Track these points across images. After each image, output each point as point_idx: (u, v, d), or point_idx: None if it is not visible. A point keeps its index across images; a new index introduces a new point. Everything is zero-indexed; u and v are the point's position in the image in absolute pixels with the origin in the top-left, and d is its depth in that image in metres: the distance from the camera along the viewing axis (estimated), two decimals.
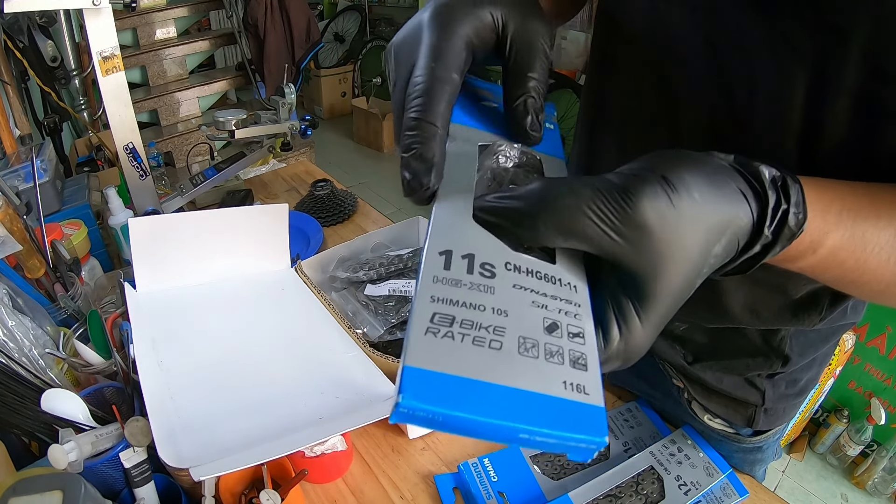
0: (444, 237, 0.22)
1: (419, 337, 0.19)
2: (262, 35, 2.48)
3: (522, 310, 0.20)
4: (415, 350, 0.18)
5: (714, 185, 0.23)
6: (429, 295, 0.20)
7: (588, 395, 0.19)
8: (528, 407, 0.18)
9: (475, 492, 0.53)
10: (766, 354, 0.49)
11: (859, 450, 1.57)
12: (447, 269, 0.21)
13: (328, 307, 0.66)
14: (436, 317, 0.19)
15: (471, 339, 0.19)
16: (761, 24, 0.33)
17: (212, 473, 0.42)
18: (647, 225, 0.21)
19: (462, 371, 0.18)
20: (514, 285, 0.21)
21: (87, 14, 0.76)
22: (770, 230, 0.24)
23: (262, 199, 1.12)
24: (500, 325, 0.19)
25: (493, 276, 0.21)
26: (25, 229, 0.63)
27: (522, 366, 0.19)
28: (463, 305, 0.20)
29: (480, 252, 0.22)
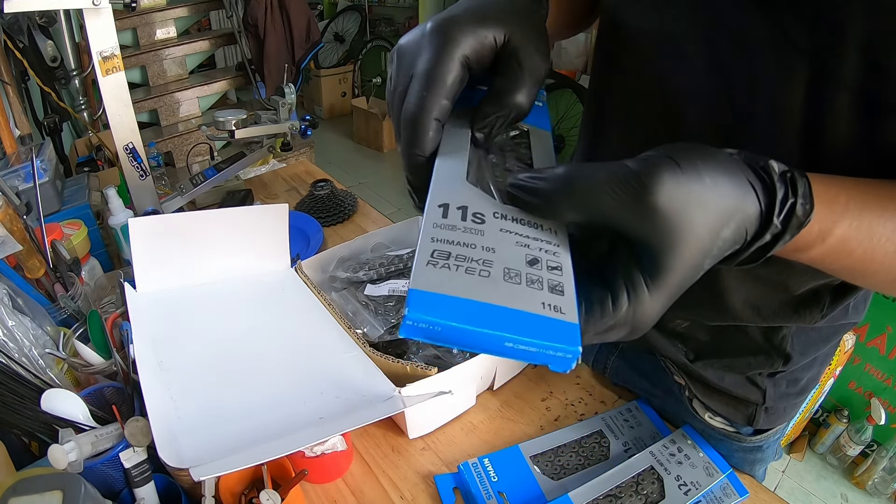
0: (441, 194, 0.26)
1: (421, 267, 0.22)
2: (262, 35, 2.48)
3: (507, 247, 0.24)
4: (418, 277, 0.22)
5: (724, 173, 0.24)
6: (429, 237, 0.23)
7: (564, 314, 0.22)
8: (512, 320, 0.21)
9: (475, 492, 0.53)
10: (767, 353, 0.49)
11: (859, 450, 1.57)
12: (444, 217, 0.25)
13: (328, 307, 0.66)
14: (435, 252, 0.23)
15: (464, 269, 0.22)
16: (761, 22, 0.33)
17: (212, 473, 0.42)
18: (659, 203, 0.23)
19: (456, 292, 0.22)
20: (501, 229, 0.25)
21: (87, 14, 0.76)
22: (779, 220, 0.25)
23: (262, 199, 1.12)
24: (489, 259, 0.23)
25: (482, 223, 0.25)
26: (25, 229, 0.62)
27: (507, 289, 0.22)
28: (457, 244, 0.23)
29: (473, 205, 0.26)
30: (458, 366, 0.56)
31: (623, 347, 0.64)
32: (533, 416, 0.64)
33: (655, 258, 0.24)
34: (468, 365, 0.57)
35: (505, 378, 0.67)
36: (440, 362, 0.62)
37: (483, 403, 0.65)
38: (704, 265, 0.25)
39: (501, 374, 0.66)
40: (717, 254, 0.25)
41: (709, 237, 0.24)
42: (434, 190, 0.26)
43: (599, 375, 0.69)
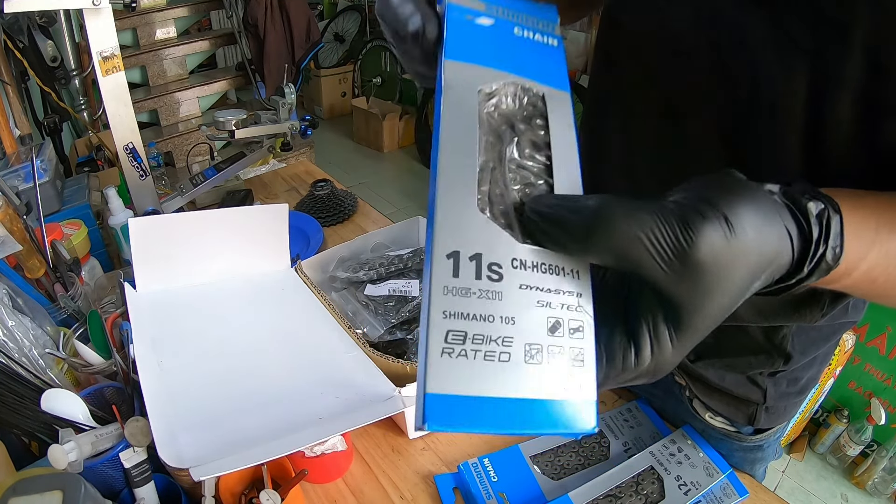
0: (449, 234, 0.22)
1: (436, 359, 0.20)
2: (262, 35, 2.48)
3: (528, 313, 0.21)
4: (434, 375, 0.20)
5: (766, 224, 0.23)
6: (441, 310, 0.21)
7: (582, 389, 0.21)
8: (532, 414, 0.20)
9: (475, 492, 0.53)
10: (768, 352, 0.49)
11: (859, 450, 1.57)
12: (456, 276, 0.21)
13: (328, 307, 0.66)
14: (449, 335, 0.20)
15: (483, 355, 0.20)
16: (763, 21, 0.33)
17: (212, 473, 0.42)
18: (701, 263, 0.21)
19: (476, 390, 0.20)
20: (521, 285, 0.22)
21: (87, 14, 0.76)
22: (808, 268, 0.24)
23: (262, 199, 1.12)
24: (508, 336, 0.21)
25: (500, 279, 0.22)
26: (25, 229, 0.63)
27: (528, 374, 0.21)
28: (473, 318, 0.21)
29: (487, 250, 0.22)
30: None
31: None
32: None
33: (686, 315, 0.22)
34: None
35: None
36: None
37: None
38: (728, 313, 0.24)
39: None
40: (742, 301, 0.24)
41: (741, 292, 0.23)
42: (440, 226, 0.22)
43: None
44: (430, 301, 0.21)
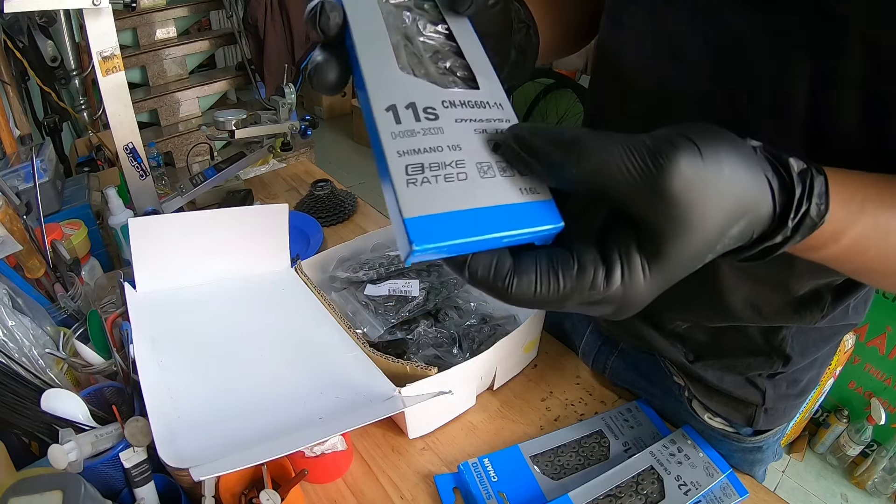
0: (382, 92, 0.24)
1: (404, 190, 0.22)
2: (262, 35, 2.48)
3: (470, 139, 0.24)
4: (406, 203, 0.22)
5: (745, 167, 0.23)
6: (394, 151, 0.23)
7: (539, 193, 0.24)
8: (503, 217, 0.22)
9: (475, 492, 0.53)
10: (767, 354, 0.49)
11: (859, 450, 1.57)
12: (398, 122, 0.24)
13: (328, 307, 0.66)
14: (408, 168, 0.22)
15: (443, 178, 0.23)
16: (760, 20, 0.33)
17: (212, 473, 0.42)
18: (674, 190, 0.21)
19: (448, 206, 0.22)
20: (456, 119, 0.24)
21: (87, 14, 0.75)
22: (793, 223, 0.24)
23: (262, 199, 1.12)
24: (459, 159, 0.23)
25: (437, 118, 0.24)
26: (25, 229, 0.63)
27: (486, 187, 0.23)
28: (424, 151, 0.23)
29: (419, 98, 0.25)
30: (458, 366, 0.56)
31: (622, 348, 0.64)
32: (533, 416, 0.64)
33: (658, 243, 0.22)
34: (468, 365, 0.57)
35: (505, 378, 0.67)
36: (440, 362, 0.63)
37: (483, 403, 0.65)
38: (706, 258, 0.24)
39: (501, 374, 0.66)
40: (721, 249, 0.24)
41: (717, 232, 0.23)
42: (372, 88, 0.24)
43: (599, 375, 0.69)
44: (383, 149, 0.23)
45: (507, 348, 0.62)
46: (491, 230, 0.22)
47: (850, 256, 0.28)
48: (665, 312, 0.51)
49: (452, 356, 0.64)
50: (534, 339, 0.68)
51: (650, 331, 0.54)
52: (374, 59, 0.26)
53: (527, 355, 0.69)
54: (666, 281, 0.24)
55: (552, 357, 0.71)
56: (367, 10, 0.28)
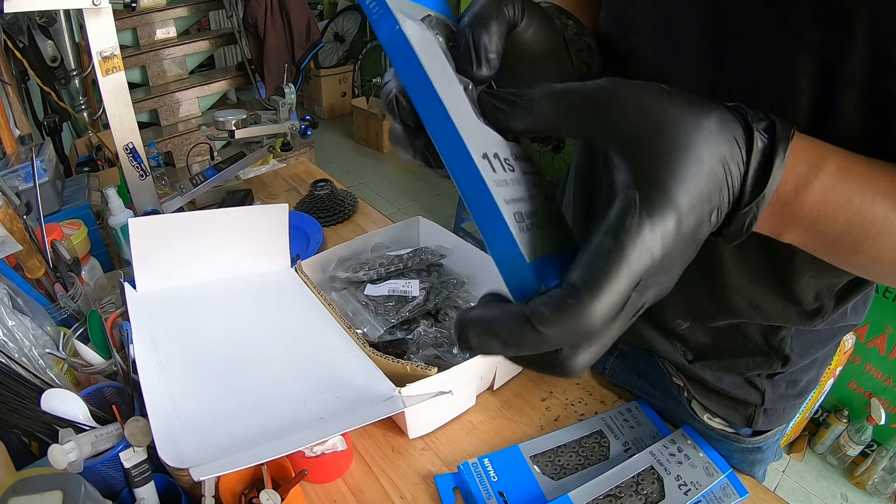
0: (473, 141, 0.25)
1: (519, 235, 0.23)
2: (262, 35, 2.48)
3: (532, 191, 0.26)
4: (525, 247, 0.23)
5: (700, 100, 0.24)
6: (501, 199, 0.24)
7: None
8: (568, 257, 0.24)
9: (475, 492, 0.53)
10: (766, 354, 0.49)
11: (859, 450, 1.57)
12: (494, 171, 0.24)
13: (328, 307, 0.66)
14: (516, 216, 0.24)
15: (536, 226, 0.24)
16: (762, 12, 0.32)
17: (212, 473, 0.42)
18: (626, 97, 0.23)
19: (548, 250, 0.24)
20: (523, 172, 0.26)
21: (87, 14, 0.76)
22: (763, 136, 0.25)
23: (262, 199, 1.12)
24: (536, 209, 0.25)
25: (513, 170, 0.26)
26: (25, 229, 0.63)
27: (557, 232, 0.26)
28: (517, 201, 0.25)
29: (499, 150, 0.26)
30: (458, 366, 0.56)
31: (622, 349, 0.64)
32: (533, 416, 0.64)
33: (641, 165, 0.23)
34: (468, 365, 0.57)
35: (505, 378, 0.67)
36: (440, 362, 0.63)
37: (483, 403, 0.65)
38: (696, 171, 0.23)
39: (501, 374, 0.66)
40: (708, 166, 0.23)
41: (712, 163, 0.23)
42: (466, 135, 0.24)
43: (599, 376, 0.69)
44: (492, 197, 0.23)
45: None
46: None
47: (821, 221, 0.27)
48: (667, 310, 0.51)
49: (452, 356, 0.64)
50: None
51: (649, 331, 0.54)
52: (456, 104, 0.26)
53: None
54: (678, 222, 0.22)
55: None
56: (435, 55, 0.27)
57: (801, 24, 0.31)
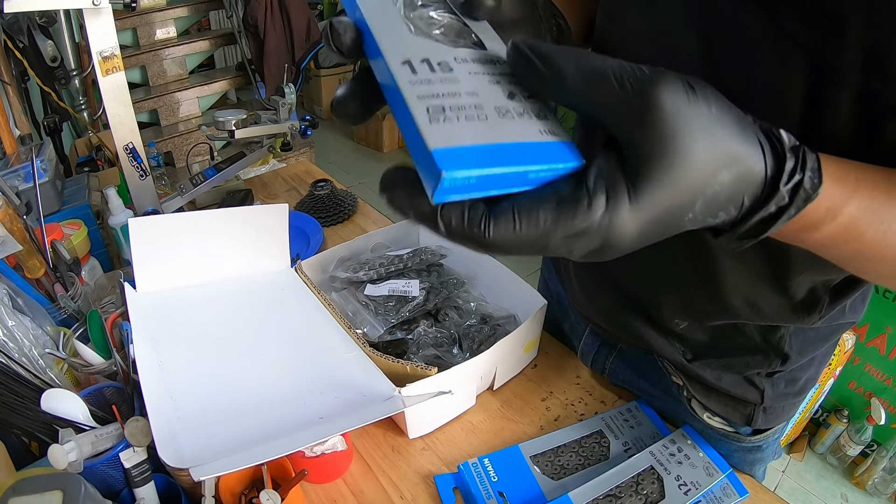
0: (396, 51, 0.25)
1: (427, 126, 0.22)
2: (262, 35, 2.48)
3: (485, 87, 0.25)
4: (431, 136, 0.22)
5: (734, 117, 0.23)
6: (414, 95, 0.23)
7: (558, 135, 0.24)
8: (528, 153, 0.23)
9: (475, 492, 0.53)
10: (765, 352, 0.49)
11: (859, 450, 1.57)
12: (414, 73, 0.24)
13: (328, 307, 0.66)
14: (430, 109, 0.23)
15: (464, 117, 0.23)
16: (757, 16, 0.32)
17: (212, 473, 0.42)
18: (661, 102, 0.21)
19: (473, 140, 0.22)
20: (470, 72, 0.25)
21: (87, 14, 0.76)
22: (786, 188, 0.24)
23: (262, 199, 1.12)
24: (478, 102, 0.24)
25: (451, 70, 0.25)
26: (25, 229, 0.63)
27: (507, 126, 0.23)
28: (443, 96, 0.24)
29: (432, 55, 0.25)
30: (458, 366, 0.56)
31: (621, 348, 0.64)
32: (533, 416, 0.64)
33: (643, 164, 0.22)
34: (468, 365, 0.57)
35: (505, 378, 0.67)
36: (440, 362, 0.63)
37: (483, 403, 0.65)
38: (695, 206, 0.23)
39: (501, 374, 0.66)
40: (710, 200, 0.23)
41: (705, 170, 0.22)
42: (387, 50, 0.25)
43: (599, 375, 0.69)
44: (403, 95, 0.23)
45: (507, 348, 0.62)
46: (518, 163, 0.22)
47: (846, 238, 0.27)
48: (664, 309, 0.51)
49: (452, 356, 0.64)
50: (534, 340, 0.68)
51: (648, 330, 0.54)
52: (387, 30, 0.26)
53: (527, 355, 0.69)
54: (651, 216, 0.23)
55: (552, 357, 0.71)
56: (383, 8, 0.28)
57: (794, 26, 0.31)
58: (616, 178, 0.22)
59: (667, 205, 0.22)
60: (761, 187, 0.24)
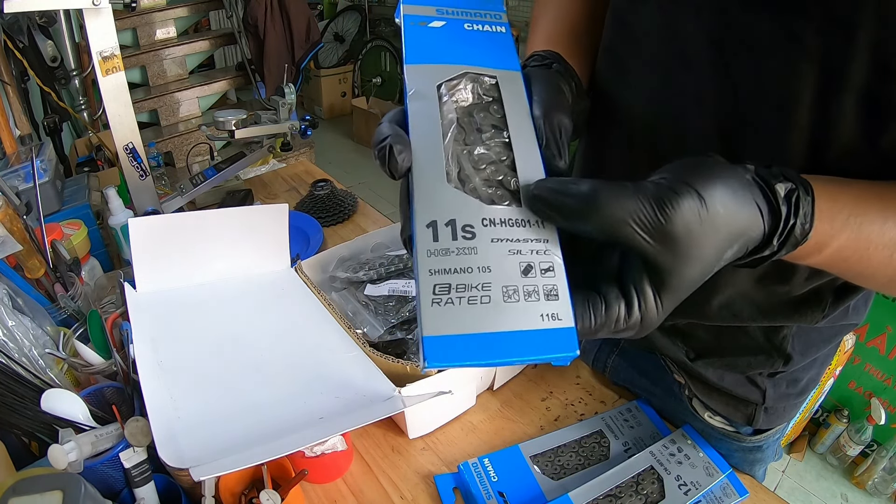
0: (426, 208, 0.26)
1: (427, 309, 0.24)
2: (262, 35, 2.48)
3: (501, 261, 0.25)
4: (427, 321, 0.23)
5: (737, 201, 0.26)
6: (427, 269, 0.24)
7: (561, 320, 0.24)
8: (517, 343, 0.24)
9: (475, 492, 0.53)
10: (767, 353, 0.49)
11: (859, 450, 1.57)
12: (436, 240, 0.25)
13: (328, 307, 0.66)
14: (436, 288, 0.24)
15: (466, 300, 0.24)
16: (768, 22, 0.33)
17: (212, 473, 0.42)
18: (679, 235, 0.25)
19: (464, 329, 0.23)
20: (492, 239, 0.26)
21: (87, 14, 0.76)
22: (778, 241, 0.27)
23: (262, 199, 1.12)
24: (486, 281, 0.24)
25: (473, 237, 0.25)
26: (25, 229, 0.62)
27: (508, 311, 0.24)
28: (454, 272, 0.24)
29: (459, 215, 0.26)
30: None
31: (623, 346, 0.64)
32: (533, 416, 0.64)
33: (665, 277, 0.26)
34: None
35: (505, 378, 0.67)
36: None
37: (483, 403, 0.65)
38: (707, 277, 0.27)
39: (501, 374, 0.66)
40: (718, 267, 0.27)
41: (715, 259, 0.26)
42: (418, 201, 0.26)
43: (599, 375, 0.69)
44: (418, 265, 0.25)
45: None
46: (502, 356, 0.23)
47: (833, 263, 0.31)
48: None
49: None
50: None
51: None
52: (425, 170, 0.27)
53: None
54: (675, 302, 0.27)
55: None
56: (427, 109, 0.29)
57: (805, 33, 0.32)
58: (644, 286, 0.26)
59: (685, 292, 0.27)
60: (760, 242, 0.28)
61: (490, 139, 0.29)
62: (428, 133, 0.28)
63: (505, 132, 0.30)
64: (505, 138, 0.29)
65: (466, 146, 0.29)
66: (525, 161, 0.29)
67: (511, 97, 0.31)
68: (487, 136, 0.29)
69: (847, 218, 0.29)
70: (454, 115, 0.30)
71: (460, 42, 0.32)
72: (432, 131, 0.28)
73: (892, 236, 0.29)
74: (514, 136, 0.29)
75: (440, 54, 0.31)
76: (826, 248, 0.29)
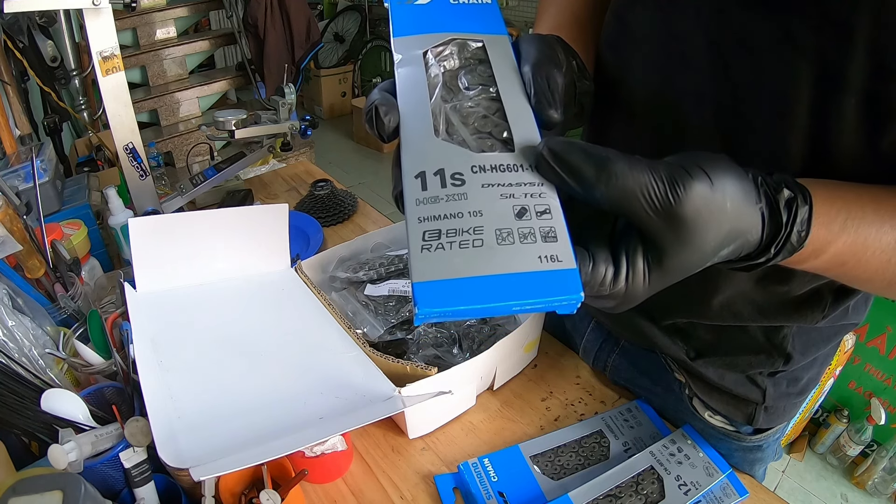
0: (414, 160, 0.26)
1: (417, 256, 0.23)
2: (262, 35, 2.48)
3: (493, 204, 0.24)
4: (417, 267, 0.22)
5: (745, 201, 0.26)
6: (415, 217, 0.24)
7: (561, 261, 0.23)
8: (516, 285, 0.22)
9: (475, 492, 0.53)
10: (768, 352, 0.49)
11: (859, 450, 1.57)
12: (424, 189, 0.25)
13: (328, 307, 0.66)
14: (426, 234, 0.23)
15: (457, 244, 0.23)
16: (766, 23, 0.33)
17: (212, 473, 0.42)
18: (684, 216, 0.25)
19: (457, 273, 0.22)
20: (483, 185, 0.25)
21: (87, 14, 0.76)
22: (775, 249, 0.28)
23: (262, 199, 1.12)
24: (478, 225, 0.23)
25: (463, 184, 0.25)
26: (25, 229, 0.62)
27: (503, 253, 0.23)
28: (444, 218, 0.24)
29: (448, 164, 0.25)
30: (458, 366, 0.56)
31: (623, 345, 0.64)
32: (533, 416, 0.64)
33: (662, 254, 0.26)
34: (468, 365, 0.57)
35: (505, 378, 0.67)
36: (440, 362, 0.63)
37: (483, 403, 0.65)
38: (697, 269, 0.27)
39: (501, 374, 0.66)
40: (710, 263, 0.27)
41: (712, 252, 0.26)
42: (406, 155, 0.26)
43: (599, 375, 0.69)
44: (407, 215, 0.24)
45: (507, 348, 0.62)
46: (498, 300, 0.22)
47: (830, 268, 0.31)
48: (667, 310, 0.51)
49: (452, 356, 0.64)
50: (534, 340, 0.68)
51: (651, 327, 0.54)
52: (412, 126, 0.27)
53: (527, 355, 0.69)
54: (662, 284, 0.27)
55: (552, 357, 0.71)
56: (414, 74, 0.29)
57: (802, 33, 0.32)
58: (637, 258, 0.26)
59: (674, 277, 0.27)
60: (755, 248, 0.28)
61: (477, 95, 0.29)
62: (415, 94, 0.28)
63: (492, 87, 0.29)
64: (493, 93, 0.29)
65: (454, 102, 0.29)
66: (515, 113, 0.28)
67: (498, 57, 0.30)
68: (475, 94, 0.29)
69: (844, 222, 0.29)
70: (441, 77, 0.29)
71: (446, 14, 0.32)
72: (419, 92, 0.28)
73: (888, 240, 0.29)
74: (503, 91, 0.29)
75: (426, 25, 0.31)
76: (823, 253, 0.29)
